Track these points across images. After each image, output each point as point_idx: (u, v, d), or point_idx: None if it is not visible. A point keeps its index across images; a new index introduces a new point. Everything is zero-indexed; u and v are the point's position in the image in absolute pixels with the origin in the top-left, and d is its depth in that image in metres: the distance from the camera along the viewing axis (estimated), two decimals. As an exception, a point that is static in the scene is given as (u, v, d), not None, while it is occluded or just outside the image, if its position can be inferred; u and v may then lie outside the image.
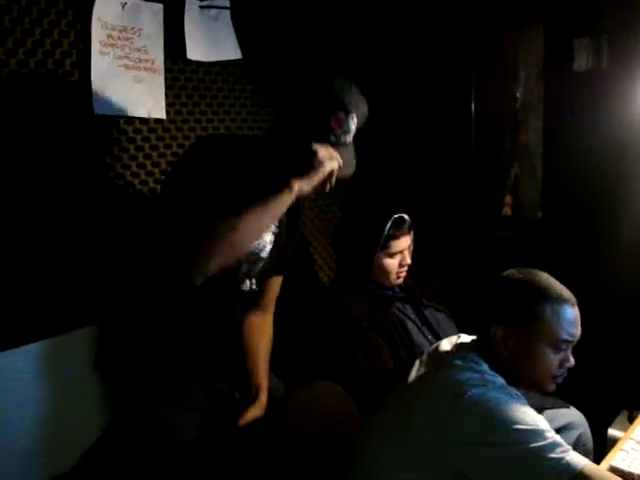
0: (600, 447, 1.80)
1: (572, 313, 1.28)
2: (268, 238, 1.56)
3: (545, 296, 1.27)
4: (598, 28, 2.12)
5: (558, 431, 1.71)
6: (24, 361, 1.49)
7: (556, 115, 2.26)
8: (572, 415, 1.88)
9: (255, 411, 1.63)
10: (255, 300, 1.68)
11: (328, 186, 1.38)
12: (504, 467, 1.15)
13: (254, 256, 1.54)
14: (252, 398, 1.65)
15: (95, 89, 1.62)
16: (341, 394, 1.63)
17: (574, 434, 1.82)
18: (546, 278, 1.31)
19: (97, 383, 1.62)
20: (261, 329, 1.74)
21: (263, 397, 1.66)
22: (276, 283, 1.74)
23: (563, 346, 1.27)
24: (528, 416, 1.17)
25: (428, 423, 1.22)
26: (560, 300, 1.27)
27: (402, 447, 1.26)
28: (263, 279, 1.64)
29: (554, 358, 1.27)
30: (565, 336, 1.26)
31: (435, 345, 1.44)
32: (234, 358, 1.66)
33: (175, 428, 1.47)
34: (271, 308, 1.77)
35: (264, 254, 1.56)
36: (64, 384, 1.56)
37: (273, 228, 1.55)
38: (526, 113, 2.37)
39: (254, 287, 1.59)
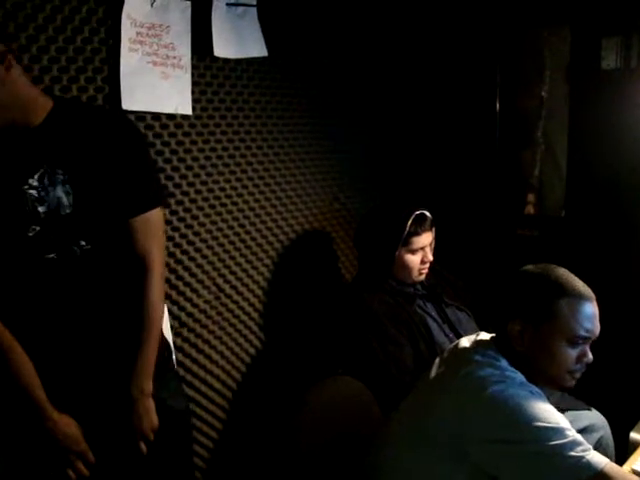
0: (622, 450, 1.78)
1: (589, 309, 1.26)
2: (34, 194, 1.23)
3: (562, 291, 1.26)
4: (629, 26, 2.09)
5: (579, 433, 1.69)
6: None
7: (582, 114, 2.24)
8: (594, 417, 1.86)
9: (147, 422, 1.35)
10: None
11: None
12: (524, 464, 1.15)
13: (47, 220, 1.24)
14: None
15: (124, 85, 1.65)
16: (361, 389, 1.64)
17: (595, 436, 1.80)
18: (563, 273, 1.30)
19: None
20: (147, 305, 1.34)
21: (141, 407, 1.34)
22: (142, 224, 1.34)
23: (580, 341, 1.26)
24: (549, 413, 1.17)
25: (449, 420, 1.22)
26: (577, 295, 1.26)
27: (423, 444, 1.26)
28: (96, 235, 1.31)
29: (571, 353, 1.26)
30: (581, 332, 1.25)
31: (455, 343, 1.44)
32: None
33: None
34: (154, 263, 1.35)
35: (63, 211, 1.26)
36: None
37: (33, 190, 1.23)
38: (551, 112, 2.35)
39: (85, 247, 1.29)
